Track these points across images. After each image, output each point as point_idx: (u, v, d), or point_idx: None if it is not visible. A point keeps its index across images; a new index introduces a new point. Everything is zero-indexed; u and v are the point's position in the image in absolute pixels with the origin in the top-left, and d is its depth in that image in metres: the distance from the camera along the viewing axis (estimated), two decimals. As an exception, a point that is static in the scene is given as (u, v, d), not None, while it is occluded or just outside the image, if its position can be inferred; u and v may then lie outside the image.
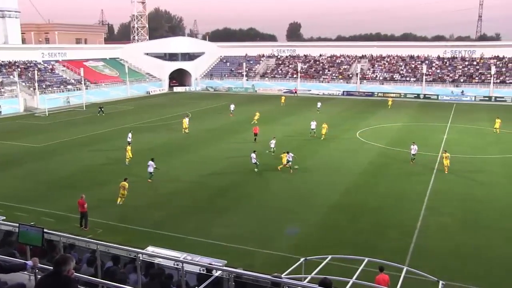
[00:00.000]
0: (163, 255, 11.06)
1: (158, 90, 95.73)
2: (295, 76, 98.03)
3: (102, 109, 63.72)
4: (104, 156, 38.92)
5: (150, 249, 13.50)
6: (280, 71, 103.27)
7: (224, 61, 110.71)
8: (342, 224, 24.34)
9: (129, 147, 36.76)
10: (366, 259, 12.08)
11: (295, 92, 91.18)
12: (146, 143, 42.84)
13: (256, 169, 34.01)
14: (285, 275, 10.84)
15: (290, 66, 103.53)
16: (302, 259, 12.25)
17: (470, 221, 24.72)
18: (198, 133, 48.72)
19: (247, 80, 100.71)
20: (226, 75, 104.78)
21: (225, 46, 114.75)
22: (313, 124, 47.18)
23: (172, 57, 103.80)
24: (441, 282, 10.94)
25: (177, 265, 9.66)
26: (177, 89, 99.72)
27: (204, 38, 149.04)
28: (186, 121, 49.77)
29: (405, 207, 26.72)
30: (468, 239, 22.28)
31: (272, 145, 39.02)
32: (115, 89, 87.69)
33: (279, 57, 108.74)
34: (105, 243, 10.71)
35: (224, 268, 9.64)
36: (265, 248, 21.07)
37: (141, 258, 9.52)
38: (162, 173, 32.97)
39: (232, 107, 62.90)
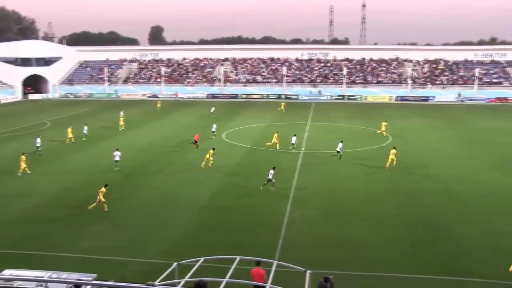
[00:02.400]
0: (23, 277, 10.25)
1: (10, 98, 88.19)
2: (159, 80, 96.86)
3: None
4: None
5: (7, 273, 12.40)
6: (143, 76, 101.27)
7: (84, 66, 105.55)
8: (213, 225, 24.60)
9: (23, 156, 33.68)
10: (238, 258, 12.35)
11: (176, 96, 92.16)
12: (3, 155, 39.16)
13: (116, 168, 35.19)
14: (159, 282, 10.71)
15: (154, 70, 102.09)
16: (174, 264, 12.17)
17: (333, 212, 26.48)
18: (62, 142, 45.74)
19: (109, 85, 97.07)
20: (87, 81, 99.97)
21: (85, 51, 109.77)
22: (214, 127, 49.22)
23: (25, 62, 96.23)
24: (308, 271, 11.64)
25: (41, 285, 9.04)
26: (33, 96, 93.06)
27: (61, 42, 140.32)
28: (70, 130, 46.22)
29: (273, 203, 27.84)
30: (333, 229, 23.86)
31: (293, 141, 41.60)
32: (-45, 98, 78.95)
33: (142, 61, 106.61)
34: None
35: (94, 282, 9.26)
36: (137, 256, 20.54)
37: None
38: (19, 187, 30.38)
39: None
